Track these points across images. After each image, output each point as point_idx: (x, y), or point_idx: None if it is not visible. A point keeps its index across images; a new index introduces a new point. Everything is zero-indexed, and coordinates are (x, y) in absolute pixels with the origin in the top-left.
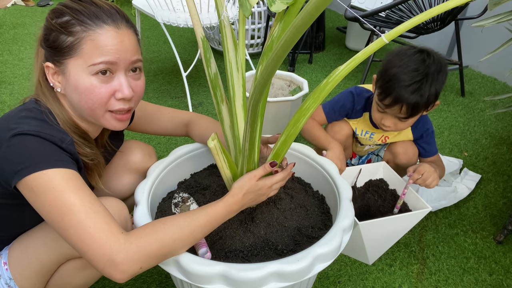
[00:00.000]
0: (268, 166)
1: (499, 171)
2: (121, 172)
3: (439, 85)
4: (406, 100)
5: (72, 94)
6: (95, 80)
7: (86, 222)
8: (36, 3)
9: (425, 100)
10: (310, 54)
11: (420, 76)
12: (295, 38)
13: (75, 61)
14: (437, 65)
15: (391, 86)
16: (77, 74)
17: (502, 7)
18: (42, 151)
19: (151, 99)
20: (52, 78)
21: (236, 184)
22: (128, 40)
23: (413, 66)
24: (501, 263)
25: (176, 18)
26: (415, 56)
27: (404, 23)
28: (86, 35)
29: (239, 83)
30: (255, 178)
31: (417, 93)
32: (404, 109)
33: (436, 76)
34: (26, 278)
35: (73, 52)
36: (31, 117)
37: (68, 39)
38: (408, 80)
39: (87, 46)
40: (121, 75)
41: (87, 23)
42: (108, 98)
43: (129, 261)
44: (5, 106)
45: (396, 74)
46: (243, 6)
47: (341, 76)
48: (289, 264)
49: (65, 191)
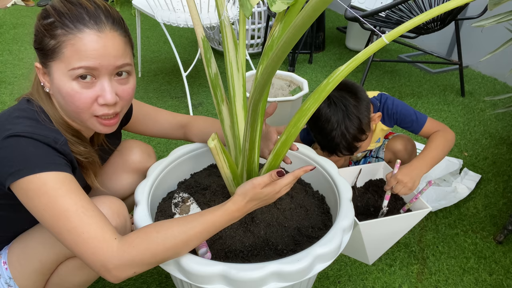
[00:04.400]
0: (275, 175)
1: (499, 171)
2: (120, 172)
3: (358, 110)
4: (338, 150)
5: (57, 96)
6: (75, 85)
7: (80, 228)
8: (36, 3)
9: (352, 135)
10: (310, 54)
11: (333, 124)
12: (295, 38)
13: (57, 65)
14: (341, 99)
15: (319, 142)
16: (59, 78)
17: (502, 7)
18: (35, 154)
19: (151, 99)
20: (43, 78)
21: (239, 191)
22: (112, 45)
23: (323, 118)
24: (501, 263)
25: (176, 18)
26: (321, 107)
27: (405, 23)
28: (67, 39)
29: (240, 83)
30: (260, 187)
31: (341, 138)
32: (342, 154)
33: (347, 109)
34: (26, 277)
35: (55, 55)
36: (25, 117)
37: (50, 42)
38: (327, 134)
39: (67, 50)
40: (104, 80)
41: (68, 27)
42: (90, 104)
43: (122, 267)
44: (5, 106)
45: (316, 133)
46: (244, 6)
47: (341, 77)
48: (289, 264)
49: (58, 196)
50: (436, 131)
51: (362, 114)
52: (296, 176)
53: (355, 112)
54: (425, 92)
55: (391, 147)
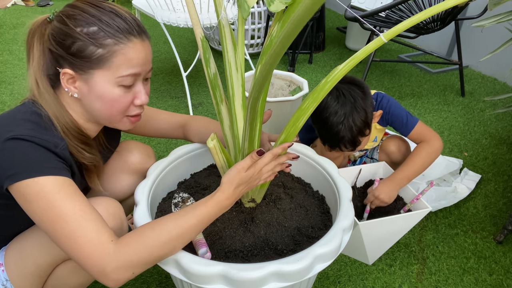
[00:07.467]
0: (255, 155)
1: (499, 171)
2: (120, 173)
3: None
4: (342, 144)
5: (94, 102)
6: (119, 90)
7: (77, 232)
8: (36, 3)
9: (358, 128)
10: (310, 54)
11: (340, 117)
12: (294, 33)
13: (103, 72)
14: (350, 91)
15: (323, 136)
16: (103, 85)
17: (502, 7)
18: (35, 157)
19: (151, 99)
20: (68, 84)
21: (225, 179)
22: (149, 52)
23: (330, 110)
24: (501, 263)
25: (176, 18)
26: (328, 99)
27: (403, 22)
28: (118, 48)
29: (238, 83)
30: (243, 170)
31: (348, 131)
32: (345, 148)
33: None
34: (23, 279)
35: (102, 64)
36: (26, 120)
37: (98, 51)
38: (332, 126)
39: (118, 59)
40: (139, 84)
41: (118, 37)
42: (129, 106)
43: (119, 269)
44: (5, 106)
45: (320, 126)
46: (241, 7)
47: (340, 76)
48: (289, 264)
49: (56, 200)
50: (422, 143)
51: (369, 108)
52: (274, 154)
53: (363, 105)
54: (425, 92)
55: (385, 148)
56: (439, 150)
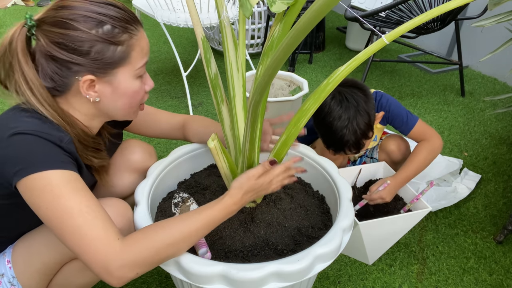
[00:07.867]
0: (267, 164)
1: (499, 171)
2: (121, 171)
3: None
4: (346, 148)
5: (117, 101)
6: (139, 81)
7: (83, 228)
8: (36, 3)
9: (362, 132)
10: (310, 54)
11: (344, 121)
12: (297, 41)
13: (125, 69)
14: (352, 95)
15: (327, 140)
16: (126, 81)
17: (502, 7)
18: (40, 151)
19: (151, 99)
20: (87, 90)
21: (235, 184)
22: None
23: (334, 115)
24: (501, 263)
25: (176, 18)
26: (332, 104)
27: (405, 24)
28: (134, 41)
29: (239, 83)
30: (254, 178)
31: (352, 135)
32: (349, 151)
33: (358, 105)
34: (29, 277)
35: (123, 61)
36: (30, 116)
37: (118, 49)
38: (337, 131)
39: (135, 52)
40: (145, 71)
41: (130, 29)
42: (144, 94)
43: (124, 268)
44: (5, 106)
45: (324, 131)
46: (244, 6)
47: (341, 77)
48: (289, 264)
49: (63, 195)
50: (422, 141)
51: (371, 111)
52: (287, 167)
53: (366, 108)
54: (425, 92)
55: (385, 147)
56: (440, 148)
